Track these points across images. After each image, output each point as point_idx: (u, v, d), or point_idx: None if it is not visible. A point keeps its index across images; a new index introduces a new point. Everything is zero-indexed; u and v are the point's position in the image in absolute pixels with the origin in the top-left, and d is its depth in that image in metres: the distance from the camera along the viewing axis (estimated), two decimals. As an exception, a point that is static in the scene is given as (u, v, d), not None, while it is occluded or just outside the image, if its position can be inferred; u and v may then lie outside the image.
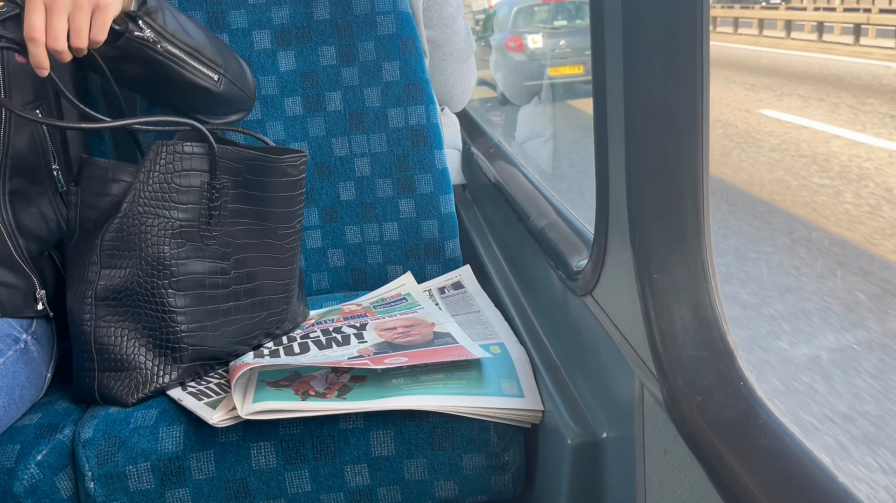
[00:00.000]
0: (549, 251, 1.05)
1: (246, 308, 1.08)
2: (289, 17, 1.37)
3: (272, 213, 1.10)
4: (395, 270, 1.40)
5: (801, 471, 0.54)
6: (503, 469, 0.99)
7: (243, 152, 1.06)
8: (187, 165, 1.01)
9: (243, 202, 1.07)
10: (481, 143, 1.72)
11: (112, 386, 1.01)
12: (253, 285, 1.09)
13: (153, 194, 1.00)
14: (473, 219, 1.65)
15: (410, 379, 0.99)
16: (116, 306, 1.00)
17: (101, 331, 1.00)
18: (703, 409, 0.62)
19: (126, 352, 1.01)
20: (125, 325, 1.01)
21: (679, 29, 0.66)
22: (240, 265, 1.07)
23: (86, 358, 1.01)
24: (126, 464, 0.96)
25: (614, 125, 0.73)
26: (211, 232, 1.04)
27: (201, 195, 1.03)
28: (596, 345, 0.87)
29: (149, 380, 1.01)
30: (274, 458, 0.97)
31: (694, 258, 0.69)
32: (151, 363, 1.01)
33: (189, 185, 1.02)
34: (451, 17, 1.57)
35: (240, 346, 1.09)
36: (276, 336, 1.15)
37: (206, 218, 1.03)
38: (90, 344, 1.00)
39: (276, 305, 1.13)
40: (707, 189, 0.68)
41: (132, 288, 1.00)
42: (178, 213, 1.01)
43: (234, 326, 1.07)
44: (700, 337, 0.67)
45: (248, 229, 1.08)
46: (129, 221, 0.99)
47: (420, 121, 1.37)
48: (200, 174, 1.02)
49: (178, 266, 1.01)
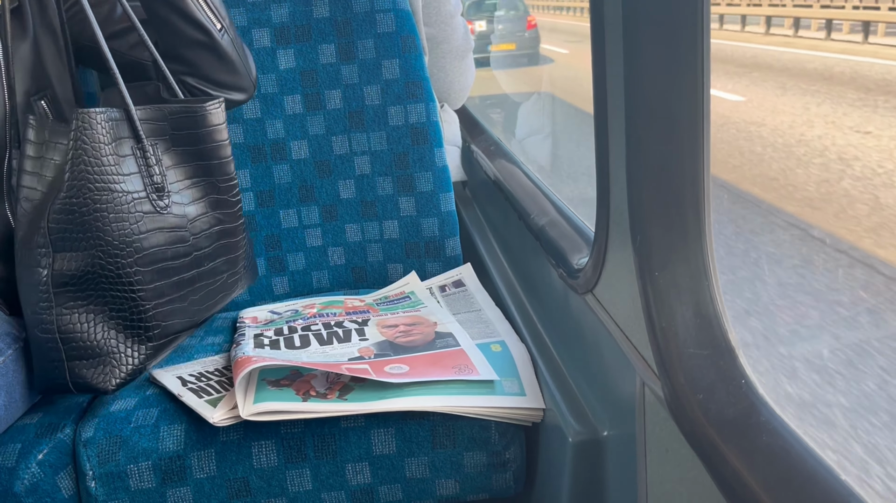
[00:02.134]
0: (549, 249, 1.05)
1: (208, 273, 1.07)
2: (288, 16, 1.37)
3: (210, 165, 1.08)
4: (396, 268, 1.40)
5: (803, 469, 0.54)
6: (504, 467, 0.99)
7: (163, 108, 1.03)
8: (118, 133, 0.98)
9: (180, 161, 1.04)
10: (481, 141, 1.72)
11: (86, 374, 0.97)
12: (210, 247, 1.07)
13: (97, 167, 0.96)
14: (474, 216, 1.65)
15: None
16: (76, 291, 0.96)
17: (63, 320, 0.96)
18: (705, 407, 0.62)
19: (95, 337, 0.97)
20: (90, 310, 0.97)
21: (680, 27, 0.66)
22: (195, 229, 1.05)
23: (50, 348, 0.96)
24: (127, 463, 0.96)
25: (615, 123, 0.73)
26: (162, 200, 1.01)
27: (138, 162, 1.00)
28: (597, 343, 0.87)
29: (124, 364, 0.99)
30: (275, 457, 0.97)
31: (695, 256, 0.69)
32: (123, 345, 0.99)
33: (125, 154, 0.99)
34: (449, 14, 1.57)
35: (206, 313, 1.08)
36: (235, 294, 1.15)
37: (150, 186, 1.00)
38: (53, 333, 0.96)
39: (233, 264, 1.12)
40: (708, 186, 0.68)
41: (93, 271, 0.96)
42: (126, 184, 0.98)
43: (199, 294, 1.06)
44: (701, 335, 0.67)
45: (193, 189, 1.06)
46: (76, 200, 0.94)
47: (420, 118, 1.37)
48: (130, 140, 1.00)
49: (140, 241, 0.98)
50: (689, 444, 0.63)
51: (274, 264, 1.40)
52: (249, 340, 1.10)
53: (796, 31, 13.63)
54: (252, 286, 1.39)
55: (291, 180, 1.38)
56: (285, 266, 1.40)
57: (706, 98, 0.66)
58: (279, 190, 1.38)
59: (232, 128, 1.36)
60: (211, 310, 1.10)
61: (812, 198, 4.22)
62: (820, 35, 12.32)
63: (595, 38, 0.75)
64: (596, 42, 0.75)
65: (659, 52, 0.67)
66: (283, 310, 1.26)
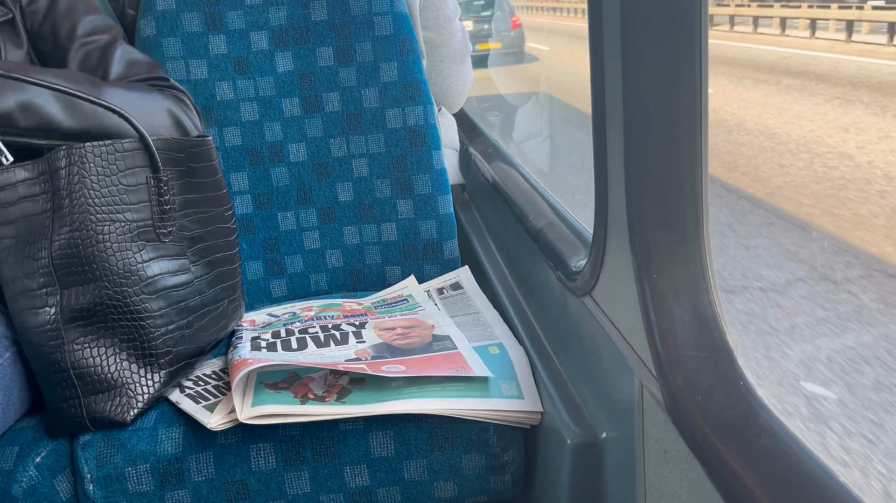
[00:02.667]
0: (547, 251, 1.05)
1: (210, 299, 1.08)
2: (286, 18, 1.37)
3: (218, 197, 1.10)
4: (394, 271, 1.40)
5: (801, 471, 0.54)
6: (503, 469, 0.99)
7: (184, 141, 1.05)
8: (130, 163, 0.99)
9: (190, 191, 1.06)
10: (479, 143, 1.73)
11: (103, 408, 0.97)
12: (212, 275, 1.09)
13: (104, 198, 0.96)
14: (472, 219, 1.65)
15: (409, 381, 0.99)
16: (87, 324, 0.96)
17: (76, 355, 0.95)
18: (703, 409, 0.62)
19: (109, 369, 0.97)
20: (101, 342, 0.97)
21: (678, 29, 0.66)
22: (197, 257, 1.06)
23: (65, 386, 0.96)
24: (125, 466, 0.95)
25: (613, 126, 0.73)
26: (166, 228, 1.02)
27: (150, 192, 1.01)
28: (595, 346, 0.87)
29: (140, 394, 0.99)
30: (273, 460, 0.97)
31: (693, 258, 0.69)
32: (137, 375, 0.99)
33: (136, 183, 0.99)
34: (447, 18, 1.58)
35: (212, 338, 1.09)
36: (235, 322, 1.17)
37: (158, 215, 1.01)
38: (67, 370, 0.95)
39: (232, 290, 1.14)
40: (706, 189, 0.68)
41: (101, 302, 0.96)
42: (132, 214, 0.99)
43: (204, 320, 1.07)
44: (700, 337, 0.67)
45: (199, 218, 1.07)
46: (79, 233, 0.94)
47: (418, 121, 1.37)
48: (144, 170, 1.00)
49: (144, 270, 0.98)
50: (688, 446, 0.63)
51: (272, 267, 1.40)
52: (246, 343, 1.10)
53: (756, 29, 14.29)
54: (250, 288, 1.39)
55: (289, 183, 1.38)
56: (283, 269, 1.40)
57: (704, 100, 0.67)
58: (277, 192, 1.38)
59: (230, 130, 1.36)
60: (217, 336, 1.11)
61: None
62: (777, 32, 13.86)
63: (593, 41, 0.75)
64: (594, 45, 0.75)
65: (657, 54, 0.67)
66: (280, 312, 1.26)
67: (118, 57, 1.12)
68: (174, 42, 1.34)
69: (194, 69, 1.35)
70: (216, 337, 1.11)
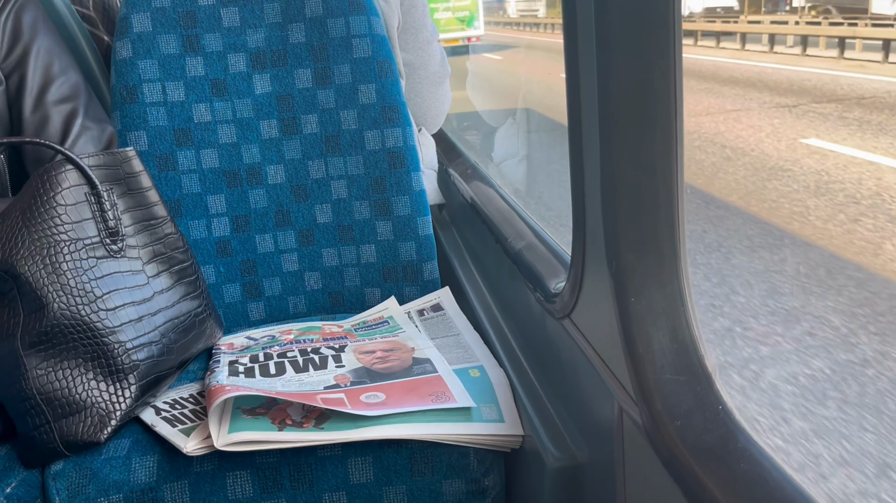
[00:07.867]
0: (526, 273, 1.05)
1: (175, 312, 1.09)
2: (264, 40, 1.37)
3: (152, 210, 1.12)
4: (373, 293, 1.39)
5: (780, 496, 0.54)
6: (483, 494, 0.98)
7: (117, 153, 1.08)
8: (65, 183, 1.01)
9: (131, 205, 1.08)
10: (458, 164, 1.73)
11: (76, 431, 0.95)
12: (171, 283, 1.10)
13: (47, 221, 0.97)
14: (451, 239, 1.65)
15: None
16: (48, 348, 0.95)
17: (40, 381, 0.94)
18: (683, 434, 0.62)
19: (77, 391, 0.96)
20: (65, 365, 0.95)
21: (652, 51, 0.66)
22: (155, 269, 1.08)
23: (33, 414, 0.94)
24: (98, 497, 0.93)
25: (589, 148, 0.74)
26: (116, 243, 1.03)
27: (91, 208, 1.02)
28: (575, 369, 0.87)
29: (111, 411, 0.97)
30: (250, 488, 0.95)
31: (671, 281, 0.69)
32: (107, 393, 0.97)
33: (76, 201, 1.01)
34: (426, 40, 1.58)
35: (184, 352, 1.09)
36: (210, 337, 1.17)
37: (105, 231, 1.03)
38: (34, 398, 0.94)
39: (198, 301, 1.14)
40: (683, 212, 0.69)
41: (60, 322, 0.95)
42: (77, 232, 1.00)
43: (172, 333, 1.07)
44: (678, 361, 0.67)
45: (144, 233, 1.09)
46: (38, 255, 0.96)
47: (397, 143, 1.36)
48: (82, 187, 1.02)
49: (99, 286, 0.99)
50: (668, 471, 0.62)
51: (250, 290, 1.38)
52: (224, 367, 1.08)
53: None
54: (227, 312, 1.38)
55: (267, 205, 1.37)
56: (261, 291, 1.39)
57: (679, 124, 0.67)
58: (255, 215, 1.37)
59: (207, 152, 1.35)
60: (189, 349, 1.10)
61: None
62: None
63: (569, 64, 0.76)
64: (570, 68, 0.76)
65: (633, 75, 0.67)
66: (259, 335, 1.25)
67: (74, 134, 1.16)
68: (150, 64, 1.33)
69: (171, 91, 1.34)
70: (189, 350, 1.10)
